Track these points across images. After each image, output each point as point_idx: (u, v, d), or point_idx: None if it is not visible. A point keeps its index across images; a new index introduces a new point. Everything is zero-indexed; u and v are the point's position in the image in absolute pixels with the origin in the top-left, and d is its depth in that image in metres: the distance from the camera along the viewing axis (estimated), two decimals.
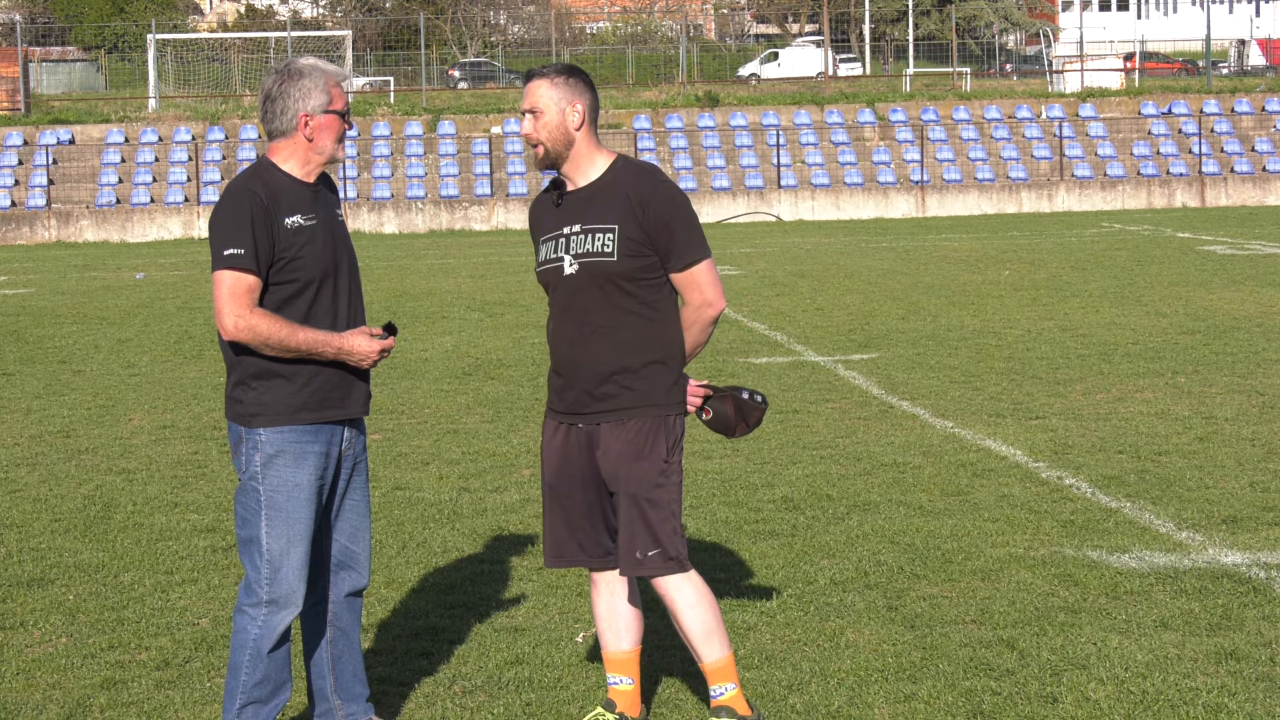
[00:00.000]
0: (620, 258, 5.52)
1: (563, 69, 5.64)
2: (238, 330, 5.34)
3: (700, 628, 5.64)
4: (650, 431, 5.57)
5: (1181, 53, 68.61)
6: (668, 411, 5.61)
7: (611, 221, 5.54)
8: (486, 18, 75.91)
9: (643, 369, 5.58)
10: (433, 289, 24.43)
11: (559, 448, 5.70)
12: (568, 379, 5.65)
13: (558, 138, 5.59)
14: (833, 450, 10.84)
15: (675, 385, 5.64)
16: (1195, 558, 7.91)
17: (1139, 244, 29.91)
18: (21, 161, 44.93)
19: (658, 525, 5.58)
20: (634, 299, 5.56)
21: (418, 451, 11.30)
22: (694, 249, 5.57)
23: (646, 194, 5.53)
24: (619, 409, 5.57)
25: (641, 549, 5.59)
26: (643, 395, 5.57)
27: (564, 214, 5.64)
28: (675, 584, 5.63)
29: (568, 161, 5.63)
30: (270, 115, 5.51)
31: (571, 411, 5.65)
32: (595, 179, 5.62)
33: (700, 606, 5.64)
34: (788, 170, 44.82)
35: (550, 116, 5.58)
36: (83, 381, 15.31)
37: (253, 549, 5.49)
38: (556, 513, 5.74)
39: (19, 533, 9.15)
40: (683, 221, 5.56)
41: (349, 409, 5.56)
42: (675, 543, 5.60)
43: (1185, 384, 13.22)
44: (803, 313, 19.60)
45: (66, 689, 6.46)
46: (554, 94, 5.58)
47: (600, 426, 5.60)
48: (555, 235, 5.64)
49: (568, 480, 5.69)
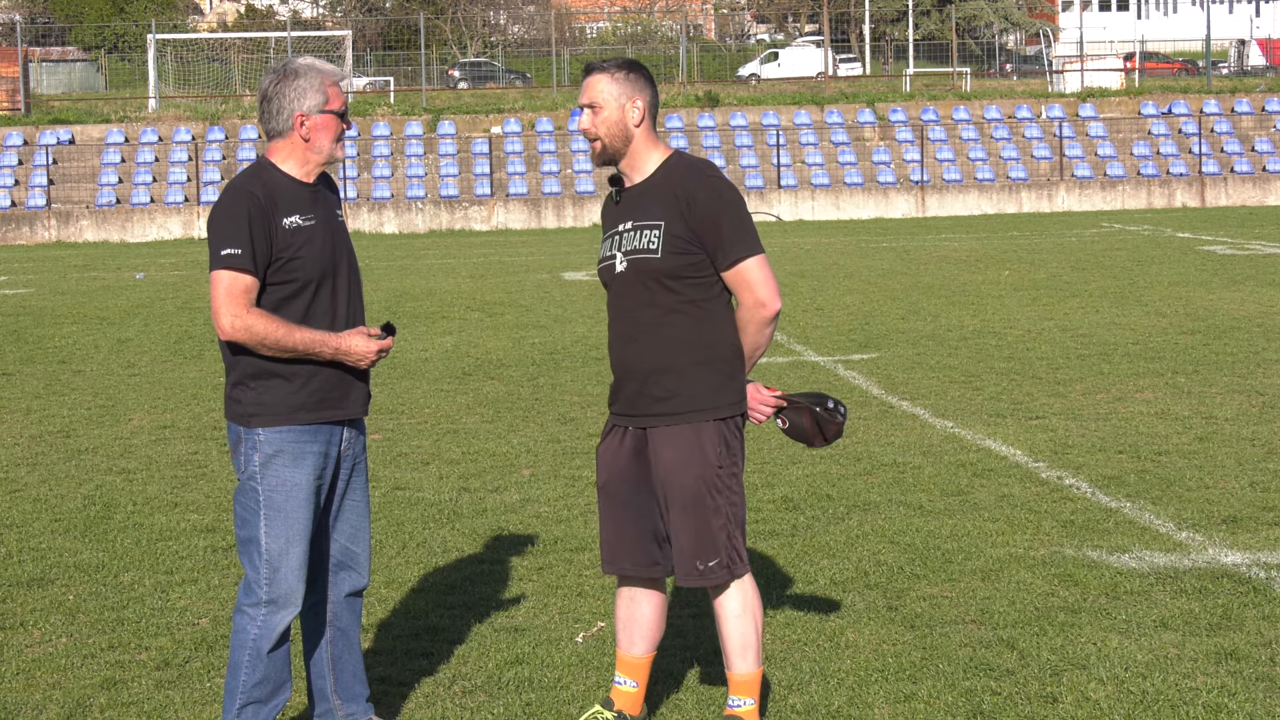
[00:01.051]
0: (665, 255, 5.43)
1: (624, 63, 5.54)
2: (234, 330, 5.34)
3: (739, 639, 5.58)
4: (699, 435, 5.46)
5: (1181, 53, 68.60)
6: (718, 414, 5.49)
7: (658, 218, 5.46)
8: (486, 18, 75.93)
9: (690, 369, 5.47)
10: (433, 289, 24.42)
11: (610, 448, 5.63)
12: (619, 378, 5.59)
13: (616, 134, 5.51)
14: (833, 450, 10.84)
15: (726, 387, 5.51)
16: (1195, 558, 7.91)
17: (1139, 244, 29.91)
18: (21, 161, 44.94)
19: (714, 533, 5.47)
20: (680, 297, 5.46)
21: (418, 451, 11.30)
22: (742, 246, 5.44)
23: (693, 190, 5.44)
24: (667, 414, 5.47)
25: (702, 559, 5.49)
26: (690, 399, 5.46)
27: (621, 211, 5.58)
28: (727, 590, 5.57)
29: (626, 158, 5.55)
30: (267, 115, 5.51)
31: (623, 413, 5.57)
32: (649, 175, 5.55)
33: (745, 617, 5.57)
34: (788, 170, 44.82)
35: (610, 112, 5.50)
36: (83, 381, 15.31)
37: (252, 549, 5.49)
38: (608, 517, 5.66)
39: (19, 533, 9.15)
40: (730, 218, 5.43)
41: (348, 409, 5.56)
42: (730, 550, 5.50)
43: (1185, 384, 13.22)
44: (803, 313, 19.60)
45: (66, 689, 6.46)
46: (614, 89, 5.50)
47: (650, 431, 5.52)
48: (613, 233, 5.59)
49: (618, 483, 5.60)
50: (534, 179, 44.59)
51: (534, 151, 45.70)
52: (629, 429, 5.57)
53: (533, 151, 45.70)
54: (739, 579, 5.56)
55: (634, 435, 5.56)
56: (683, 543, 5.50)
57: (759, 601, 5.63)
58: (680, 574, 5.54)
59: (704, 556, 5.48)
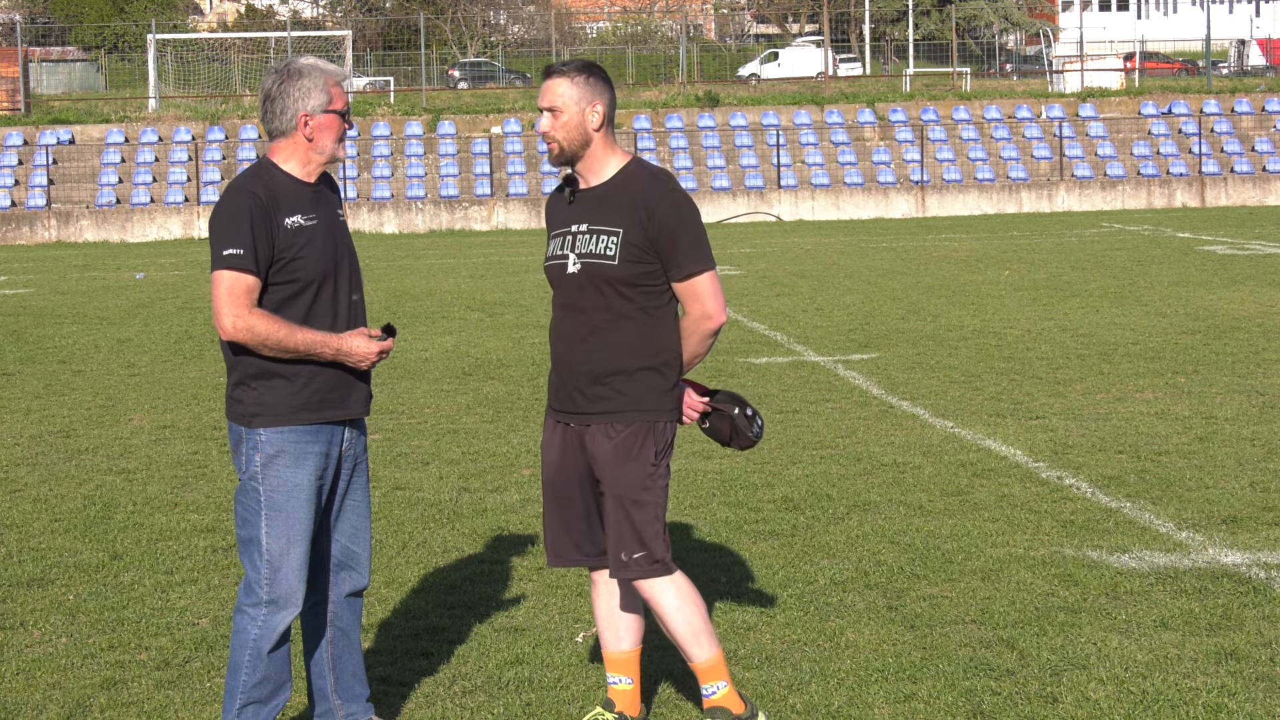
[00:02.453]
0: (621, 262, 5.50)
1: (583, 66, 5.57)
2: (236, 330, 5.34)
3: (687, 629, 5.64)
4: (640, 435, 5.56)
5: (1181, 53, 68.59)
6: (658, 417, 5.59)
7: (616, 225, 5.51)
8: (486, 18, 75.91)
9: (636, 373, 5.56)
10: (433, 289, 24.43)
11: (554, 445, 5.71)
12: (562, 377, 5.66)
13: (575, 138, 5.54)
14: (833, 450, 10.84)
15: (668, 392, 5.62)
16: (1195, 558, 7.91)
17: (1139, 244, 29.91)
18: (21, 161, 44.93)
19: (643, 527, 5.57)
20: (632, 304, 5.54)
21: (418, 451, 11.30)
22: (696, 261, 5.53)
23: (653, 202, 5.49)
24: (610, 411, 5.56)
25: (627, 551, 5.58)
26: (634, 399, 5.56)
27: (574, 211, 5.61)
28: (659, 586, 5.63)
29: (583, 160, 5.59)
30: (270, 115, 5.51)
31: (565, 410, 5.66)
32: (607, 179, 5.58)
33: (686, 608, 5.64)
34: (788, 170, 44.81)
35: (569, 116, 5.52)
36: (83, 381, 15.31)
37: (253, 549, 5.49)
38: (553, 512, 5.75)
39: (19, 533, 9.15)
40: (687, 232, 5.51)
41: (349, 409, 5.56)
42: (659, 545, 5.59)
43: (1185, 384, 13.22)
44: (803, 313, 19.60)
45: (66, 689, 6.46)
46: (574, 93, 5.52)
47: (591, 427, 5.60)
48: (564, 232, 5.63)
49: (563, 478, 5.69)
50: (534, 179, 44.60)
51: (534, 151, 45.68)
52: (570, 425, 5.66)
53: (533, 151, 45.70)
54: (669, 575, 5.63)
55: (574, 431, 5.65)
56: (613, 535, 5.60)
57: (693, 589, 5.69)
58: (610, 566, 5.65)
59: (630, 549, 5.58)
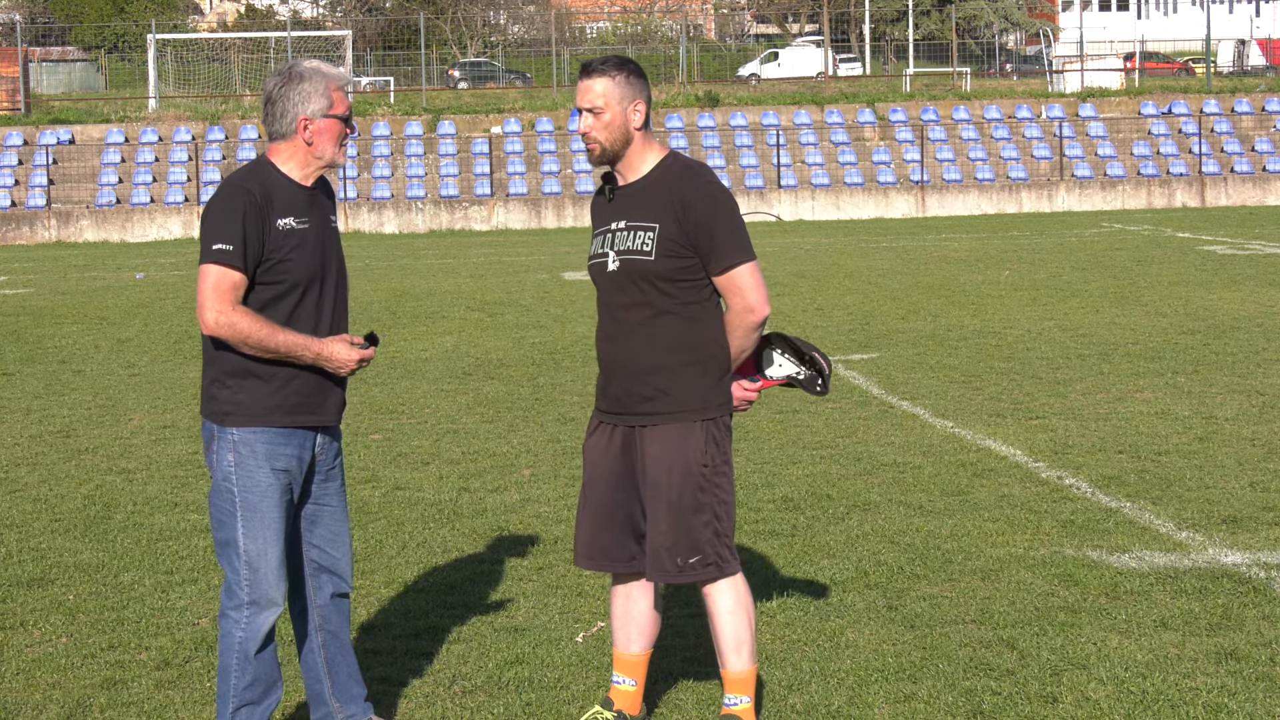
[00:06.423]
0: (658, 257, 5.46)
1: (621, 63, 5.53)
2: (218, 326, 5.34)
3: (733, 636, 5.60)
4: (690, 435, 5.50)
5: (1181, 53, 68.58)
6: (706, 415, 5.52)
7: (653, 220, 5.48)
8: (486, 18, 75.90)
9: (679, 370, 5.50)
10: (433, 289, 24.42)
11: (599, 446, 5.65)
12: (609, 376, 5.62)
13: (618, 138, 5.51)
14: (833, 450, 10.84)
15: (715, 388, 5.55)
16: (1195, 558, 7.91)
17: (1139, 244, 29.91)
18: (21, 161, 44.93)
19: (698, 531, 5.50)
20: (672, 299, 5.49)
21: (418, 451, 11.30)
22: (734, 252, 5.47)
23: (688, 194, 5.46)
24: (656, 413, 5.50)
25: (684, 555, 5.51)
26: (680, 399, 5.50)
27: (614, 209, 5.59)
28: (719, 587, 5.59)
29: (623, 159, 5.56)
30: (271, 117, 5.51)
31: (611, 410, 5.61)
32: (644, 175, 5.56)
33: (737, 614, 5.59)
34: (788, 170, 44.82)
35: (612, 115, 5.49)
36: (83, 381, 15.31)
37: (230, 551, 5.48)
38: (587, 512, 5.69)
39: (19, 533, 9.15)
40: (723, 224, 5.45)
41: (323, 415, 5.54)
42: (717, 547, 5.53)
43: (1185, 384, 13.22)
44: (803, 313, 19.60)
45: (66, 689, 6.46)
46: (616, 92, 5.48)
47: (638, 430, 5.54)
48: (604, 230, 5.61)
49: (605, 481, 5.63)
50: (534, 179, 44.59)
51: (534, 151, 45.70)
52: (617, 426, 5.60)
53: (533, 151, 45.71)
54: (730, 576, 5.58)
55: (622, 433, 5.59)
56: (661, 539, 5.52)
57: (751, 599, 5.65)
58: (651, 569, 5.58)
59: (685, 554, 5.51)
